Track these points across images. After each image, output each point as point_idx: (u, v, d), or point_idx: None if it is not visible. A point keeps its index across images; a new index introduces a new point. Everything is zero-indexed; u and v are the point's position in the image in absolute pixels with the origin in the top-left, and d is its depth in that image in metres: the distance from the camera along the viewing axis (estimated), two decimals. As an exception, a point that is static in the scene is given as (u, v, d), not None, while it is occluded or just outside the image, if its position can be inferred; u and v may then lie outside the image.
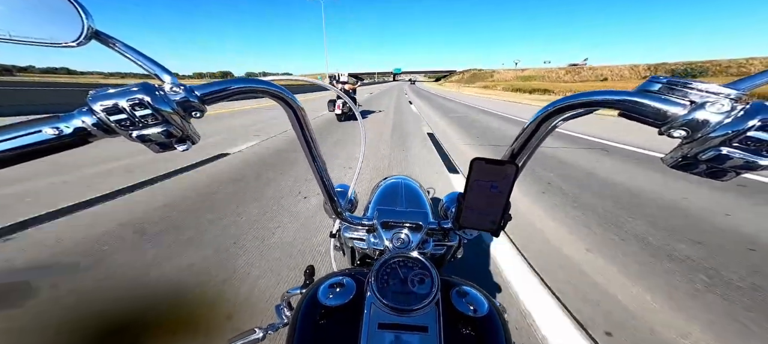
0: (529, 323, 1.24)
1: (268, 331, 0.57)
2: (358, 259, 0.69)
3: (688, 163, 0.25)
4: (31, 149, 0.22)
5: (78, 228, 1.93)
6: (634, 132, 5.18)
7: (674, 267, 1.60)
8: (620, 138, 5.05)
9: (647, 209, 2.32)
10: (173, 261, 1.59)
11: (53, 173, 2.90)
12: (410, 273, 0.42)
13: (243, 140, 4.93)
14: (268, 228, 1.98)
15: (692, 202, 2.42)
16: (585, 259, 1.68)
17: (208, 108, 0.29)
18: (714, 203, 2.40)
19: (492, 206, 0.40)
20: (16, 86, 13.28)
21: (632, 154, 4.07)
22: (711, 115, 0.23)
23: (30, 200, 2.31)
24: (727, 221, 2.10)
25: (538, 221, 2.15)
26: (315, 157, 0.46)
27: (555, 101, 0.33)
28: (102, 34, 0.27)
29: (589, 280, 1.50)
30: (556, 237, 1.92)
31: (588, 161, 3.76)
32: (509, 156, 0.40)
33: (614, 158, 3.87)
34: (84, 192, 2.49)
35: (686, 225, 2.04)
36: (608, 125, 6.27)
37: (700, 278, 1.51)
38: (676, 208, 2.33)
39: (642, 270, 1.58)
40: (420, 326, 0.36)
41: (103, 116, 0.24)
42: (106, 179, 2.85)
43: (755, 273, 1.53)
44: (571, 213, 2.27)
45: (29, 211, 2.10)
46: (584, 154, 4.11)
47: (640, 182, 2.94)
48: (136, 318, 1.21)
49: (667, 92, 0.25)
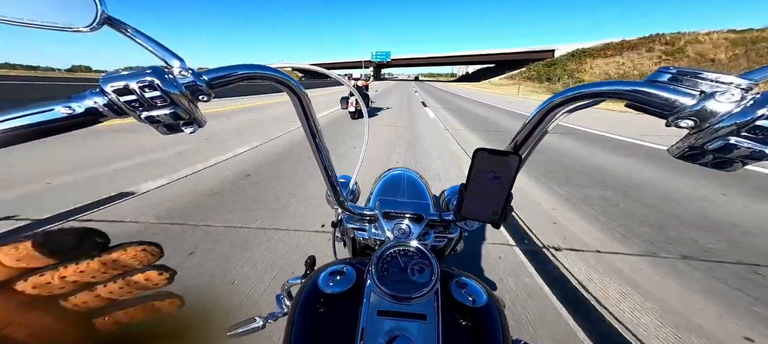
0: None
1: (268, 320, 0.58)
2: (359, 249, 0.70)
3: (695, 153, 0.25)
4: (44, 126, 0.23)
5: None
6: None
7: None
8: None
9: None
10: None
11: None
12: (410, 262, 0.42)
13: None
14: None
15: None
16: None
17: (214, 93, 0.30)
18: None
19: (494, 198, 0.40)
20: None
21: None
22: (720, 105, 0.22)
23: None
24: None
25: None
26: (319, 146, 0.46)
27: (560, 92, 0.33)
28: (114, 19, 0.27)
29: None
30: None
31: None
32: (512, 147, 0.40)
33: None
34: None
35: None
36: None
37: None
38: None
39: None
40: (419, 314, 0.37)
41: (113, 97, 0.25)
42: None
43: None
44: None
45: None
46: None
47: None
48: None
49: (676, 82, 0.25)
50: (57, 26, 0.27)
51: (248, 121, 6.26)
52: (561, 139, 5.17)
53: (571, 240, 1.92)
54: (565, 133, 5.74)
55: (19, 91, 11.85)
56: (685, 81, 0.25)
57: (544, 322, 1.26)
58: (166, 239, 1.76)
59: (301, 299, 0.42)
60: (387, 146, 4.39)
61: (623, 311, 1.34)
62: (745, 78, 0.22)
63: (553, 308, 1.34)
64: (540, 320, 1.27)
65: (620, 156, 4.15)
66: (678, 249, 1.83)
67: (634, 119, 7.82)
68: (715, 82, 0.23)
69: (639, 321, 1.29)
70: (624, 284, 1.52)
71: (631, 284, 1.52)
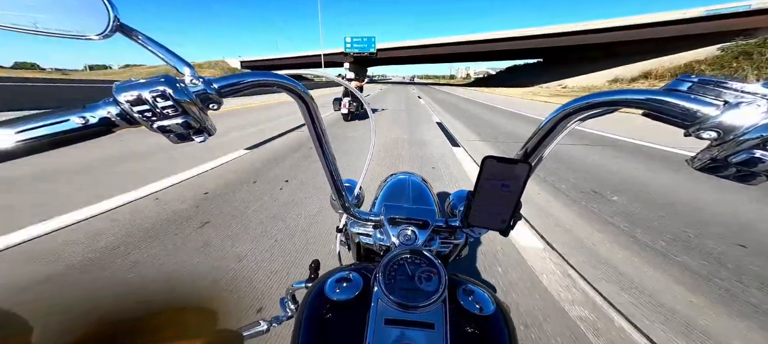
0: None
1: (273, 324, 0.58)
2: (364, 254, 0.70)
3: (717, 166, 0.24)
4: (60, 137, 0.23)
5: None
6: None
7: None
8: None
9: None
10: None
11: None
12: (418, 269, 0.42)
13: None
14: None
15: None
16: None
17: (224, 101, 0.30)
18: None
19: (502, 206, 0.39)
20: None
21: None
22: (746, 116, 0.22)
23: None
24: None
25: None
26: (325, 150, 0.46)
27: (574, 99, 0.32)
28: (126, 27, 0.27)
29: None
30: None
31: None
32: (522, 155, 0.39)
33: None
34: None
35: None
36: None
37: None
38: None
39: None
40: (427, 323, 0.36)
41: (127, 107, 0.25)
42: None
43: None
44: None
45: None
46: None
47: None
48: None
49: (698, 91, 0.24)
50: (69, 34, 0.27)
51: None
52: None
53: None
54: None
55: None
56: (707, 90, 0.24)
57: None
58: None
59: (307, 305, 0.42)
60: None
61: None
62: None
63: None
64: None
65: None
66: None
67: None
68: (739, 93, 0.22)
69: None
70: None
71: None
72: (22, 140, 0.22)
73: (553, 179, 3.03)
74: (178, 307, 1.28)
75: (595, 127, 6.02)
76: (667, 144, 4.56)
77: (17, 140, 0.22)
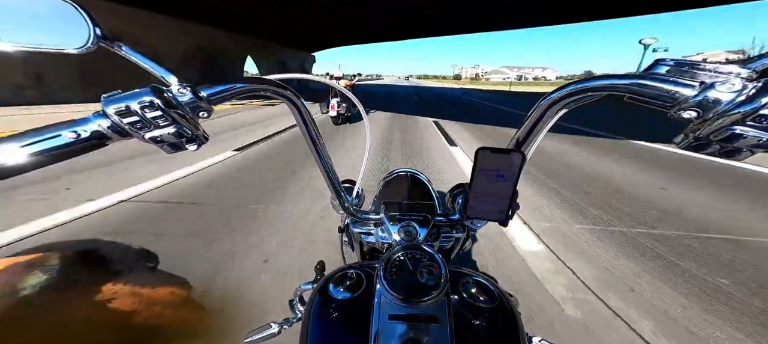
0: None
1: (283, 326, 0.58)
2: (367, 253, 0.70)
3: (701, 144, 0.25)
4: (52, 153, 0.23)
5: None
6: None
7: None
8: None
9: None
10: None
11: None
12: (419, 264, 0.42)
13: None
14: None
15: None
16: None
17: (215, 108, 0.29)
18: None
19: (499, 196, 0.40)
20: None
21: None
22: (722, 94, 0.22)
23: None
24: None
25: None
26: (320, 153, 0.46)
27: (558, 87, 0.33)
28: (108, 39, 0.27)
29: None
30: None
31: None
32: (515, 144, 0.40)
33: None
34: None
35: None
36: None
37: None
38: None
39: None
40: (431, 316, 0.37)
41: (116, 119, 0.24)
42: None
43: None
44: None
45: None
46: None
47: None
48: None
49: (675, 73, 0.25)
50: (50, 49, 0.26)
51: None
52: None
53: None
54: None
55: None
56: (683, 72, 0.25)
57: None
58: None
59: (313, 306, 0.42)
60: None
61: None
62: (745, 67, 0.22)
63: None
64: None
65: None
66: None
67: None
68: (714, 73, 0.23)
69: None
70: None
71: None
72: (20, 156, 0.22)
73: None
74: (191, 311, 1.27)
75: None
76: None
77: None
